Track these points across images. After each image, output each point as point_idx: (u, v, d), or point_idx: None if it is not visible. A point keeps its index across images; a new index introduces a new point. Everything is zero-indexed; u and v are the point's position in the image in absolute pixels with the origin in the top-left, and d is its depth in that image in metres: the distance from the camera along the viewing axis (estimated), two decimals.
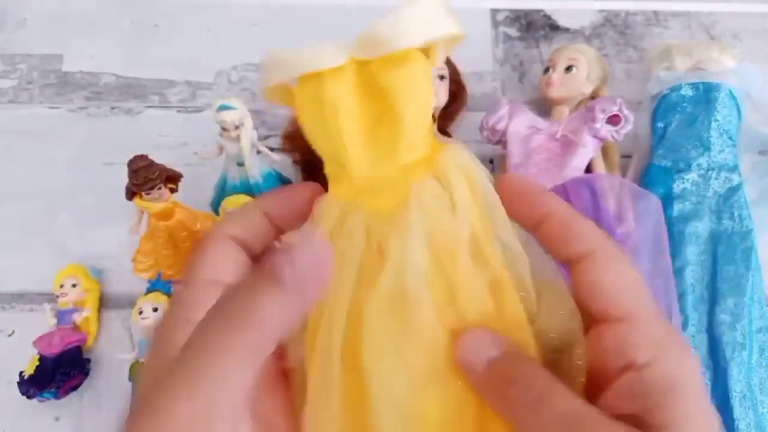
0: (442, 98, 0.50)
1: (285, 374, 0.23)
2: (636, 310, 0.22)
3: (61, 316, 0.46)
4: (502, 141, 0.50)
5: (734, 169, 0.47)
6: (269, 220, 0.26)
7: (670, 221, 0.45)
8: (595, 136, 0.46)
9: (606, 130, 0.46)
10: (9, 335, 0.48)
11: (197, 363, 0.18)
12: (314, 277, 0.20)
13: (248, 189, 0.48)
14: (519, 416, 0.22)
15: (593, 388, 0.22)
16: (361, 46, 0.21)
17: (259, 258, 0.26)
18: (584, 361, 0.22)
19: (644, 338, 0.22)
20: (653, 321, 0.22)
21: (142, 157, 0.42)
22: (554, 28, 0.62)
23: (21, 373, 0.44)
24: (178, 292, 0.26)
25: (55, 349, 0.44)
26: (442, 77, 0.50)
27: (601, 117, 0.45)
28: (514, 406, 0.22)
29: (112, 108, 0.57)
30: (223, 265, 0.26)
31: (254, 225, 0.27)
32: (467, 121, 0.54)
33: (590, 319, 0.23)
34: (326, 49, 0.21)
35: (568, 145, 0.47)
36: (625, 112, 0.45)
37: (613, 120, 0.45)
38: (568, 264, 0.23)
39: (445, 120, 0.53)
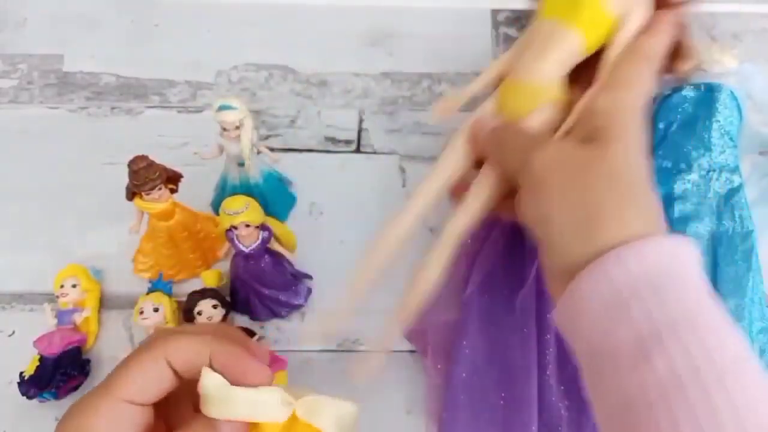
0: None
1: None
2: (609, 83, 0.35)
3: (61, 316, 0.46)
4: None
5: (735, 170, 0.46)
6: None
7: (671, 222, 0.45)
8: None
9: None
10: (9, 335, 0.48)
11: None
12: None
13: (248, 189, 0.48)
14: (508, 161, 0.35)
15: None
16: (306, 410, 0.24)
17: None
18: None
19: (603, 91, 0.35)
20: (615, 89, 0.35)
21: (142, 158, 0.42)
22: None
23: (21, 373, 0.44)
24: None
25: (55, 349, 0.44)
26: None
27: None
28: (505, 155, 0.35)
29: (113, 108, 0.57)
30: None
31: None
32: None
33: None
34: (273, 401, 0.24)
35: None
36: None
37: None
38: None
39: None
